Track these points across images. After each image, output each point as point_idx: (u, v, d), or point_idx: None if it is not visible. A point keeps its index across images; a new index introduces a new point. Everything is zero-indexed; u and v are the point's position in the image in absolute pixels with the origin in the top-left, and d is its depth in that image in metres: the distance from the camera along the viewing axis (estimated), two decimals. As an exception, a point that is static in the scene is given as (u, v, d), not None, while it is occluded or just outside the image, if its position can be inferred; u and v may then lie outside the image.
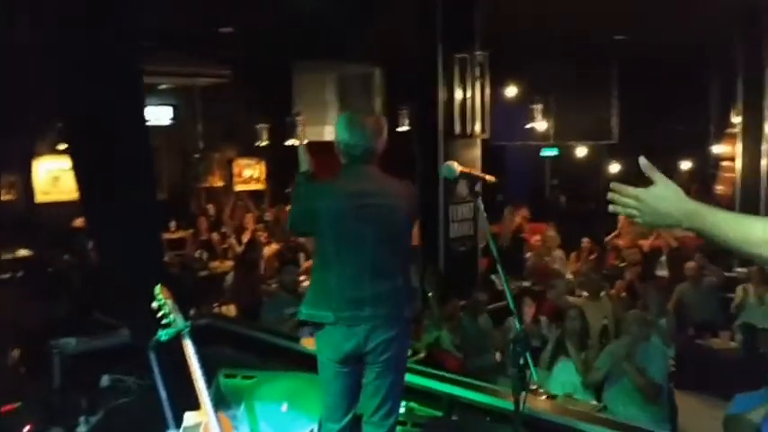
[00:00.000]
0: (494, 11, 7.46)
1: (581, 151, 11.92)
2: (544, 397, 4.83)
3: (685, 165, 12.06)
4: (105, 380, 4.85)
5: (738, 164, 8.28)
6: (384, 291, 3.13)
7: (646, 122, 12.54)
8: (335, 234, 3.17)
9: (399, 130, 11.83)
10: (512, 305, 2.69)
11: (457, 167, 2.70)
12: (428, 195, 6.81)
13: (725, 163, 10.09)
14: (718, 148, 10.58)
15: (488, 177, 2.77)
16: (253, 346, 5.21)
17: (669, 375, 5.31)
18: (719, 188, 10.25)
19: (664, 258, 9.66)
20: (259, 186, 12.41)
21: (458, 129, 6.93)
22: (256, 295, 7.74)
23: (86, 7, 4.62)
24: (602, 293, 7.26)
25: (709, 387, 6.66)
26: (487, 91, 7.05)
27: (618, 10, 9.10)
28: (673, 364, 5.80)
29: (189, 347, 2.88)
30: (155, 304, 2.91)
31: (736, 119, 8.56)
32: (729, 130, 9.85)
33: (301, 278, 6.58)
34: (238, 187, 12.20)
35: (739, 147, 8.23)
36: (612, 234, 10.40)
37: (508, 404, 4.22)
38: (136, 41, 5.15)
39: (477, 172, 2.77)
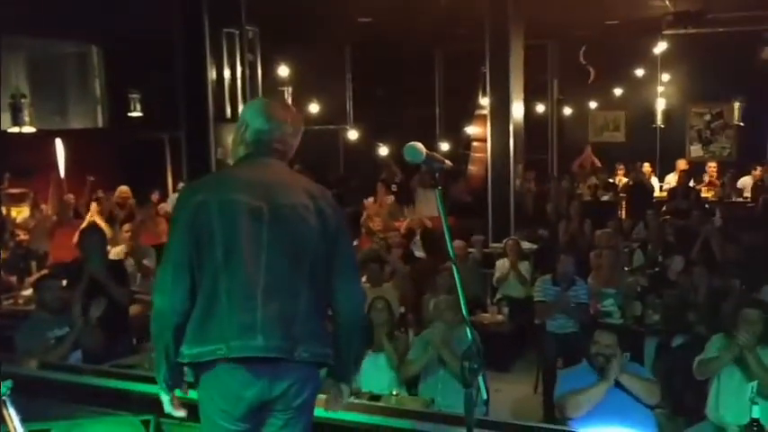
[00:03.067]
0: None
1: (352, 135, 11.77)
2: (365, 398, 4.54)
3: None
4: None
5: (489, 144, 8.66)
6: (278, 314, 2.39)
7: (377, 105, 12.81)
8: (225, 236, 2.40)
9: (131, 115, 10.72)
10: (465, 313, 2.28)
11: (423, 149, 2.20)
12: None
13: (476, 143, 10.60)
14: (470, 129, 11.10)
15: (448, 162, 2.31)
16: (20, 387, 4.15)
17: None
18: (472, 168, 10.75)
19: (417, 239, 9.89)
20: (-39, 183, 10.34)
21: (229, 112, 6.27)
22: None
23: None
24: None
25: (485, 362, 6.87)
26: (259, 70, 6.49)
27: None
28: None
29: (13, 419, 2.02)
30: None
31: (484, 100, 8.98)
32: (479, 112, 10.35)
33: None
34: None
35: (489, 128, 8.59)
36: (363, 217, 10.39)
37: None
38: None
39: (439, 155, 2.30)
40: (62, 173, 10.09)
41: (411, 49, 12.47)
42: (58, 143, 10.30)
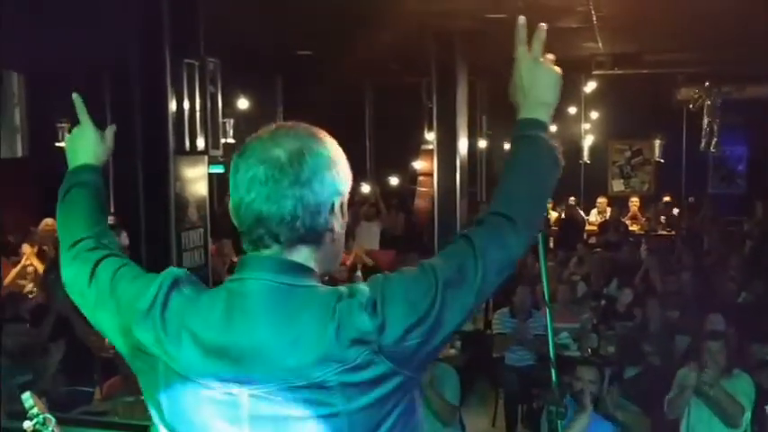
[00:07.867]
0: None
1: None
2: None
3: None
4: None
5: (435, 178, 8.75)
6: None
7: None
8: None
9: (59, 145, 10.24)
10: (552, 354, 2.25)
11: None
12: (156, 220, 5.88)
13: (421, 178, 10.65)
14: (417, 164, 11.14)
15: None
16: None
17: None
18: (419, 202, 10.78)
19: (359, 274, 9.83)
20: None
21: (188, 145, 6.08)
22: None
23: None
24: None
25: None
26: (220, 103, 6.33)
27: (305, 27, 9.09)
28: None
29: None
30: (28, 425, 1.82)
31: (429, 135, 9.09)
32: (425, 147, 10.42)
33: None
34: None
35: (436, 162, 8.68)
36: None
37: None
38: None
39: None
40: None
41: (343, 81, 12.51)
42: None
